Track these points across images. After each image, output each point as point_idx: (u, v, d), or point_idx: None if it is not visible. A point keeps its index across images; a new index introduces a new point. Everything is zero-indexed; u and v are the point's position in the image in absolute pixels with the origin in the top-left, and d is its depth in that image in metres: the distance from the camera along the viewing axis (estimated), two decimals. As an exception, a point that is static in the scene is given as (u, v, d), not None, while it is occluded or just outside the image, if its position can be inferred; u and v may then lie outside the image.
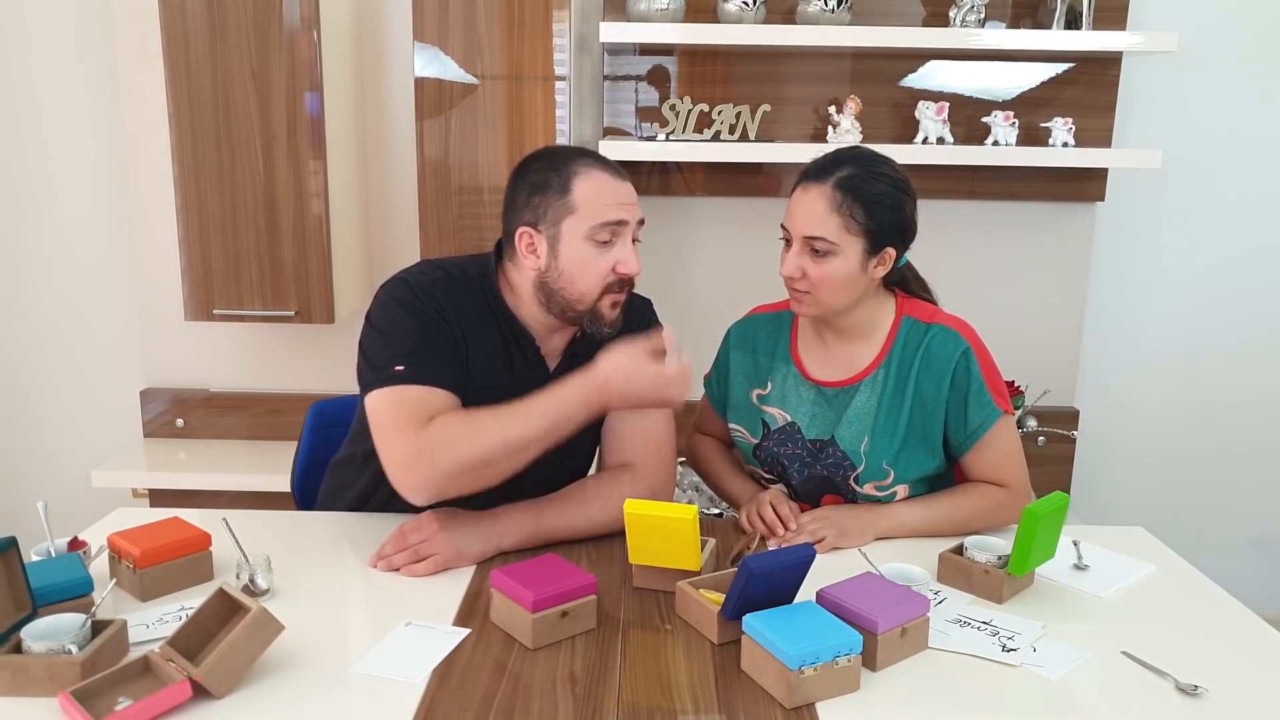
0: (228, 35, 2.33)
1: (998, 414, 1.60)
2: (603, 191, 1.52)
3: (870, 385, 1.64)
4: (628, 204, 1.53)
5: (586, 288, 1.53)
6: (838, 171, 1.57)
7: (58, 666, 1.09)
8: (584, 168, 1.53)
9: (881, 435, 1.61)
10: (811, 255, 1.56)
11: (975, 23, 2.48)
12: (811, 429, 1.67)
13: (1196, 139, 2.74)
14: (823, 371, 1.68)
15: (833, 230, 1.55)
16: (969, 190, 2.71)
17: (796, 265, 1.58)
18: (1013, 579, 1.39)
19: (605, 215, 1.51)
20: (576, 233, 1.51)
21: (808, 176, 1.60)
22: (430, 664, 1.19)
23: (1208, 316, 2.87)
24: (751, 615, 1.17)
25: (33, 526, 1.38)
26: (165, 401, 2.76)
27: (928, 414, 1.61)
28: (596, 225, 1.50)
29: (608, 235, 1.51)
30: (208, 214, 2.42)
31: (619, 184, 1.54)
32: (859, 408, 1.64)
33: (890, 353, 1.64)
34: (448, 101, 2.38)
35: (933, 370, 1.60)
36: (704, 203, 2.74)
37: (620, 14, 2.53)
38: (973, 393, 1.60)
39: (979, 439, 1.61)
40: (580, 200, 1.51)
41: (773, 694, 1.14)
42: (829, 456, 1.65)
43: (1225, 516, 2.97)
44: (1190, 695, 1.16)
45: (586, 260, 1.51)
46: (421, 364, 1.46)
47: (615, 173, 1.55)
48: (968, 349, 1.60)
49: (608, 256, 1.52)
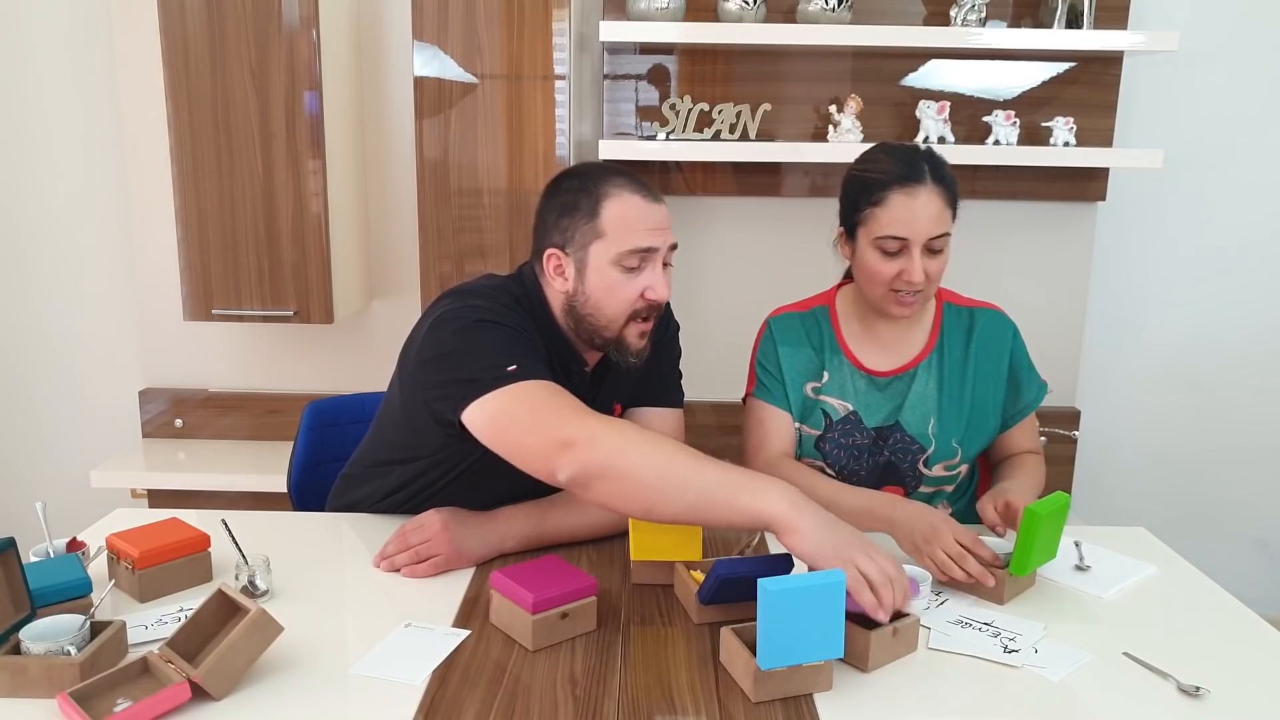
0: (227, 35, 2.32)
1: (1045, 387, 1.76)
2: (632, 216, 1.46)
3: (927, 369, 1.70)
4: (658, 229, 1.48)
5: (613, 314, 1.49)
6: (924, 166, 1.59)
7: (56, 668, 1.09)
8: (615, 189, 1.47)
9: (948, 415, 1.68)
10: (928, 254, 1.59)
11: (976, 22, 2.47)
12: (871, 417, 1.70)
13: (1198, 139, 2.74)
14: (874, 360, 1.72)
15: (949, 222, 1.61)
16: (970, 190, 2.70)
17: (923, 269, 1.58)
18: (1014, 580, 1.39)
19: (634, 242, 1.45)
20: (604, 258, 1.46)
21: (905, 180, 1.57)
22: (430, 665, 1.19)
23: (1209, 316, 2.87)
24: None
25: (32, 527, 1.38)
26: (164, 402, 2.76)
27: (989, 392, 1.70)
28: (625, 251, 1.45)
29: (636, 261, 1.46)
30: (207, 214, 2.42)
31: (650, 207, 1.48)
32: (919, 392, 1.69)
33: (941, 336, 1.71)
34: (447, 101, 2.37)
35: (990, 350, 1.70)
36: (704, 202, 2.74)
37: (620, 13, 2.52)
38: (1026, 369, 1.73)
39: (1030, 412, 1.74)
40: (609, 224, 1.46)
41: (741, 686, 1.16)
42: (896, 442, 1.68)
43: (1227, 517, 2.97)
44: (1192, 696, 1.15)
45: (613, 286, 1.47)
46: (533, 364, 1.39)
47: (647, 195, 1.49)
48: (1015, 328, 1.73)
49: (636, 282, 1.47)
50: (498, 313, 1.44)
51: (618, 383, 1.64)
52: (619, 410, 1.67)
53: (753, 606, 1.11)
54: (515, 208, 2.42)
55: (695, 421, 2.77)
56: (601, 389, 1.63)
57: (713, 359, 2.75)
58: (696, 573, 1.36)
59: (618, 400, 1.67)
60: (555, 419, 1.31)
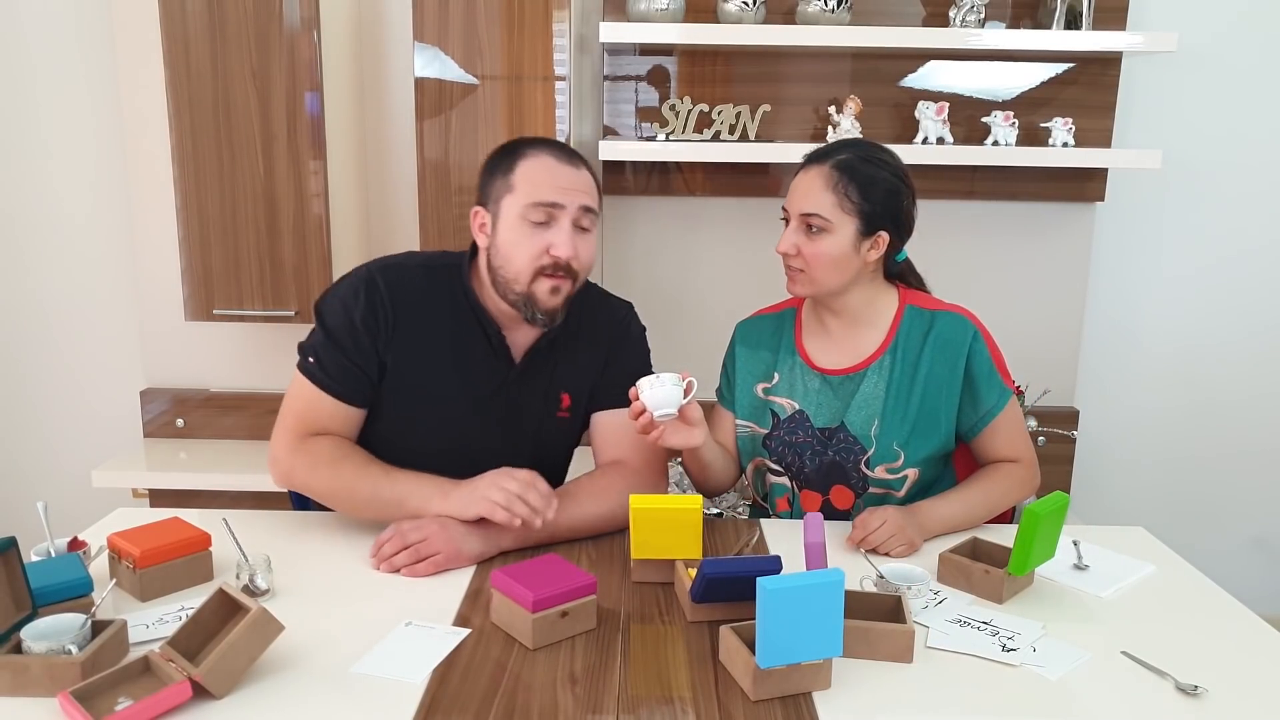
0: (228, 35, 2.33)
1: (1009, 395, 1.68)
2: (541, 172, 1.55)
3: (877, 370, 1.68)
4: (568, 189, 1.55)
5: (520, 267, 1.55)
6: (837, 155, 1.64)
7: (58, 667, 1.09)
8: (533, 151, 1.58)
9: (891, 418, 1.65)
10: (806, 233, 1.63)
11: (975, 23, 2.48)
12: (819, 417, 1.70)
13: (1196, 139, 2.74)
14: (828, 360, 1.72)
15: (827, 207, 1.60)
16: (969, 190, 2.71)
17: (791, 242, 1.63)
18: (1013, 579, 1.39)
19: (539, 195, 1.53)
20: (513, 211, 1.55)
21: (809, 159, 1.67)
22: (430, 664, 1.19)
23: (1208, 316, 2.87)
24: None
25: (33, 526, 1.38)
26: (165, 401, 2.76)
27: (940, 396, 1.66)
28: (530, 204, 1.53)
29: (542, 216, 1.54)
30: (208, 214, 2.42)
31: (561, 167, 1.56)
32: (867, 393, 1.67)
33: (896, 338, 1.68)
34: (448, 102, 2.38)
35: (945, 353, 1.65)
36: (704, 203, 2.74)
37: (620, 14, 2.53)
38: (985, 375, 1.66)
39: (993, 419, 1.67)
40: (519, 179, 1.55)
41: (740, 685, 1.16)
42: (839, 442, 1.68)
43: (1225, 516, 2.97)
44: (1190, 695, 1.16)
45: (520, 239, 1.54)
46: (327, 370, 1.58)
47: (563, 158, 1.58)
48: (977, 332, 1.67)
49: (542, 238, 1.54)
50: (376, 293, 1.58)
51: (570, 374, 1.69)
52: (567, 401, 1.69)
53: (744, 605, 1.11)
54: (515, 208, 2.42)
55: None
56: (543, 374, 1.67)
57: (712, 359, 2.75)
58: (695, 571, 1.36)
59: (566, 391, 1.69)
60: (282, 433, 1.58)
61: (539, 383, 1.67)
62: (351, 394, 1.59)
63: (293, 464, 1.56)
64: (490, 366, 1.63)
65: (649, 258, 2.77)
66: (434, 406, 1.62)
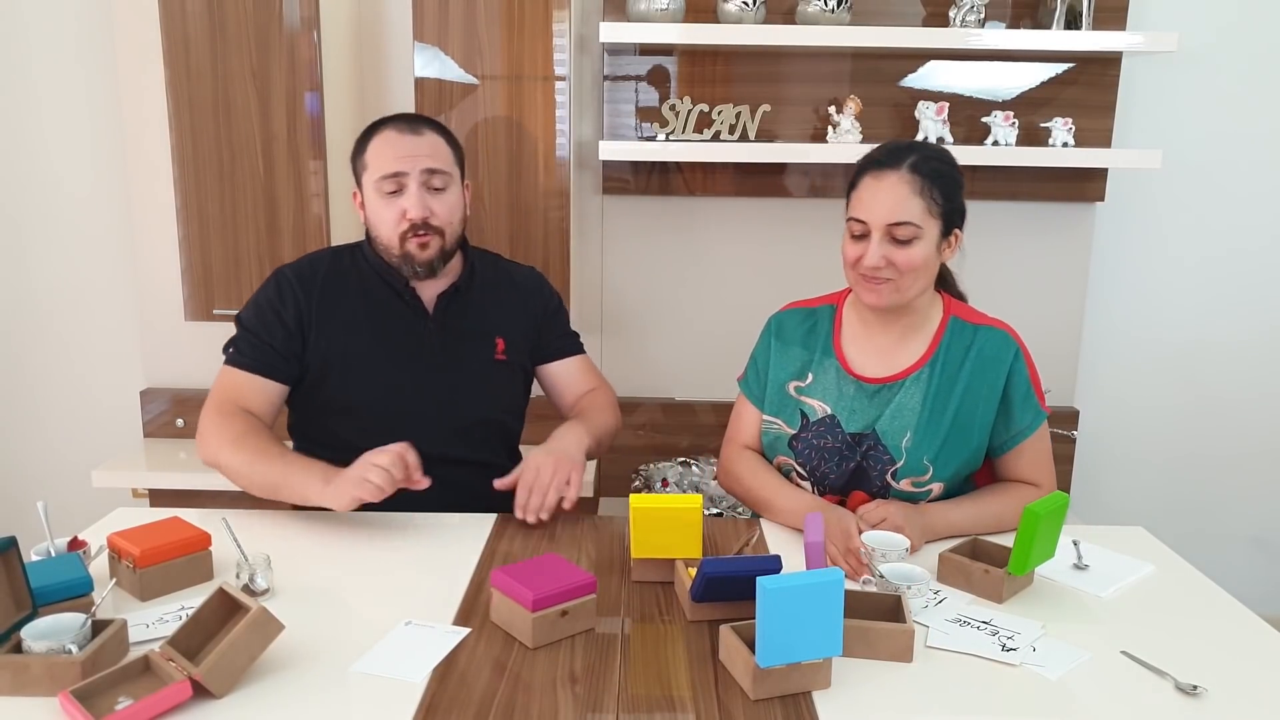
0: (228, 35, 2.33)
1: (1043, 416, 1.67)
2: (384, 146, 1.73)
3: (916, 382, 1.65)
4: (408, 156, 1.71)
5: (387, 234, 1.74)
6: (908, 157, 1.60)
7: (58, 666, 1.10)
8: (381, 129, 1.75)
9: (925, 432, 1.62)
10: (894, 243, 1.58)
11: (975, 23, 2.48)
12: (851, 423, 1.67)
13: (1196, 139, 2.74)
14: (866, 366, 1.69)
15: (917, 213, 1.58)
16: (969, 190, 2.66)
17: (880, 255, 1.57)
18: (1012, 579, 1.39)
19: (384, 168, 1.71)
20: (370, 186, 1.75)
21: (878, 165, 1.61)
22: (430, 663, 1.19)
23: (1208, 316, 2.87)
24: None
25: (33, 526, 1.38)
26: (165, 401, 2.76)
27: (976, 412, 1.64)
28: (379, 177, 1.72)
29: (393, 186, 1.72)
30: (208, 214, 2.42)
31: (402, 138, 1.72)
32: (903, 404, 1.64)
33: (938, 351, 1.66)
34: (448, 102, 2.38)
35: (986, 370, 1.64)
36: (704, 203, 2.74)
37: (620, 14, 2.53)
38: (1022, 395, 1.64)
39: (1023, 440, 1.65)
40: (370, 157, 1.74)
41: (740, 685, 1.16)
42: (869, 449, 1.65)
43: (1225, 516, 2.97)
44: (1189, 695, 1.16)
45: (379, 209, 1.74)
46: (242, 351, 1.74)
47: (405, 129, 1.73)
48: (1019, 351, 1.65)
49: (397, 204, 1.72)
50: (284, 281, 1.77)
51: (500, 318, 1.86)
52: (502, 344, 1.85)
53: (744, 605, 1.11)
54: (516, 209, 2.43)
55: (696, 421, 2.78)
56: (466, 316, 1.83)
57: (712, 359, 2.76)
58: (695, 571, 1.36)
59: (499, 335, 1.85)
60: (208, 411, 1.70)
61: (461, 325, 1.82)
62: (265, 367, 1.74)
63: (207, 437, 1.67)
64: (408, 322, 1.79)
65: (649, 258, 2.77)
66: (367, 369, 1.76)
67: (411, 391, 1.77)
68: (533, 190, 2.42)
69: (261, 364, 1.73)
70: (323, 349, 1.75)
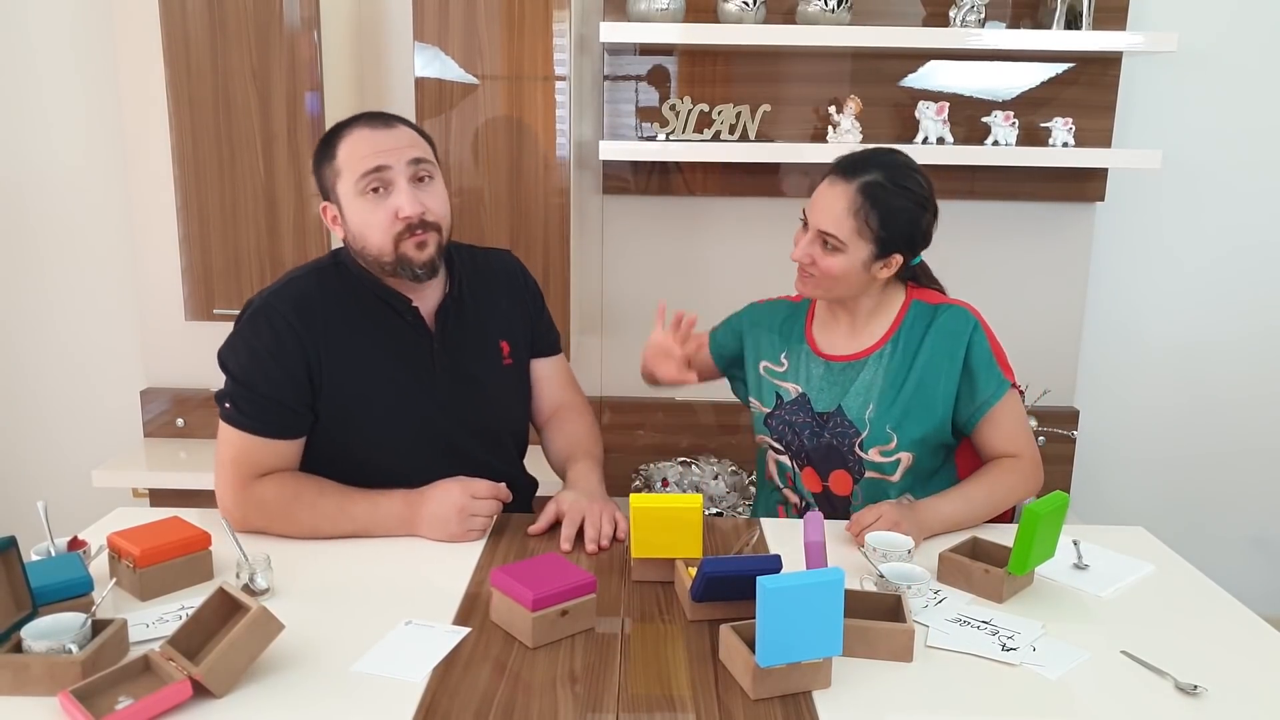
0: (228, 35, 2.33)
1: (1006, 385, 1.70)
2: (359, 144, 1.55)
3: (877, 359, 1.73)
4: (389, 149, 1.54)
5: (378, 240, 1.56)
6: (865, 174, 1.64)
7: (58, 666, 1.10)
8: (347, 130, 1.58)
9: (885, 401, 1.70)
10: (821, 246, 1.66)
11: (975, 23, 2.48)
12: (820, 402, 1.76)
13: (1196, 139, 2.74)
14: (833, 347, 1.78)
15: (846, 231, 1.64)
16: (969, 190, 2.71)
17: (806, 252, 1.68)
18: (1012, 578, 1.39)
19: (364, 165, 1.53)
20: (349, 191, 1.56)
21: (839, 171, 1.67)
22: (430, 663, 1.19)
23: (1208, 316, 2.87)
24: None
25: (33, 526, 1.38)
26: (165, 401, 2.76)
27: (937, 383, 1.69)
28: (359, 178, 1.54)
29: (376, 183, 1.54)
30: (208, 214, 2.42)
31: (375, 133, 1.56)
32: (865, 380, 1.73)
33: (899, 330, 1.73)
34: (448, 101, 2.38)
35: (945, 343, 1.70)
36: (704, 202, 2.74)
37: (620, 14, 2.53)
38: (983, 365, 1.69)
39: (990, 409, 1.69)
40: (342, 161, 1.56)
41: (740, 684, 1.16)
42: (836, 425, 1.73)
43: (1225, 516, 2.97)
44: (1190, 695, 1.16)
45: (366, 214, 1.56)
46: (245, 411, 1.57)
47: (376, 124, 1.58)
48: (977, 324, 1.71)
49: (386, 205, 1.55)
50: (239, 350, 1.58)
51: (501, 323, 1.76)
52: (507, 348, 1.76)
53: (744, 604, 1.11)
54: (516, 208, 2.43)
55: (696, 421, 2.78)
56: (467, 328, 1.70)
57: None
58: (695, 570, 1.36)
59: (503, 339, 1.76)
60: (226, 482, 1.56)
61: (464, 337, 1.70)
62: (276, 429, 1.57)
63: (245, 514, 1.55)
64: (415, 345, 1.65)
65: (649, 258, 2.77)
66: (388, 407, 1.62)
67: (432, 420, 1.65)
68: (533, 190, 2.42)
69: (273, 426, 1.57)
70: (337, 394, 1.59)
